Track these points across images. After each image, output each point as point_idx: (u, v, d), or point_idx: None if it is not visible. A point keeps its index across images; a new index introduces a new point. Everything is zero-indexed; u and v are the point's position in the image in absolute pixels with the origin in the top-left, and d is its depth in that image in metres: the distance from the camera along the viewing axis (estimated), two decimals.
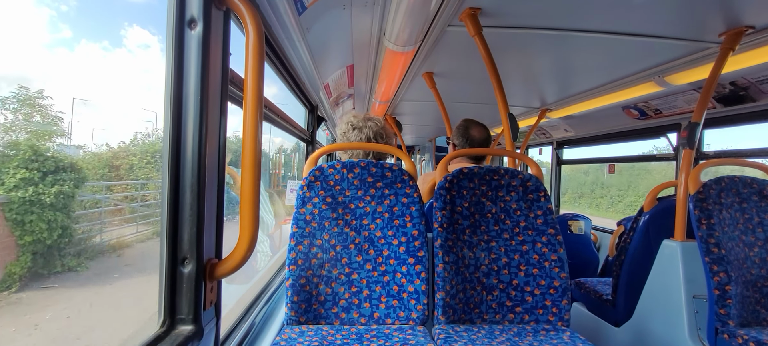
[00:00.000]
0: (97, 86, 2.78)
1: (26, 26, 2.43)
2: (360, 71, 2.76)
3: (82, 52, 2.79)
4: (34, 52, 2.49)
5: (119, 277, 2.55)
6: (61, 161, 1.93)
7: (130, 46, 4.59)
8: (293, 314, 1.31)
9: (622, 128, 3.11)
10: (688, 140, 1.76)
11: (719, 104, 2.23)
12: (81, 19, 2.82)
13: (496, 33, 1.74)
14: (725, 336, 1.51)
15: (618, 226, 2.91)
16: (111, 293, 2.39)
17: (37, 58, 2.54)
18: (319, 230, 1.37)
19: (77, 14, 2.71)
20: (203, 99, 0.80)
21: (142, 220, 3.08)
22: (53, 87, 1.97)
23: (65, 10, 2.67)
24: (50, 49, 2.69)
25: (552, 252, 1.43)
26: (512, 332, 1.31)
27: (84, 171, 2.11)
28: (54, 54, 2.74)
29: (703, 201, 1.62)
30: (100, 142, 2.66)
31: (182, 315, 0.81)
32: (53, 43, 2.73)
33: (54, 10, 2.60)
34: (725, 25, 1.57)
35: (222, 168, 0.89)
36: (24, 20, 2.39)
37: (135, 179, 2.89)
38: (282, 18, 1.41)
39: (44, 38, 2.58)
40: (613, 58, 2.03)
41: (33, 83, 1.89)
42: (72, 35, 2.76)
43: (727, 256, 1.56)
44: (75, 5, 2.67)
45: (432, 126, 5.20)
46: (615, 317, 2.09)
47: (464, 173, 1.47)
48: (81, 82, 2.62)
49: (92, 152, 2.59)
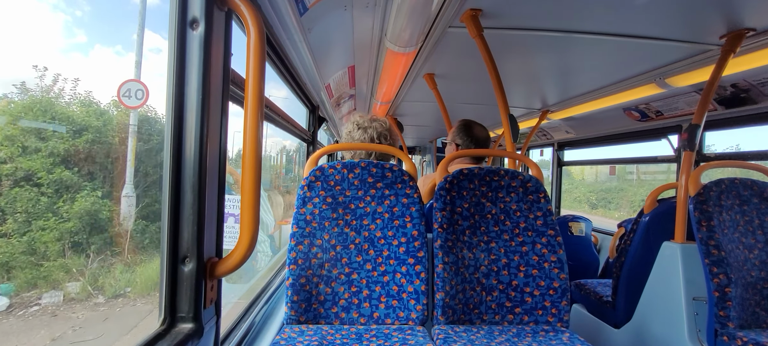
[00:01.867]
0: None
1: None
2: (361, 72, 2.76)
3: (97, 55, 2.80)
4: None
5: None
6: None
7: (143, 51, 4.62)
8: (293, 314, 1.32)
9: (623, 130, 3.11)
10: (689, 142, 1.76)
11: (720, 106, 2.23)
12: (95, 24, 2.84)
13: (497, 34, 1.74)
14: (725, 338, 1.51)
15: (618, 227, 2.91)
16: None
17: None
18: (320, 230, 1.38)
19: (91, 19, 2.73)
20: (205, 99, 0.80)
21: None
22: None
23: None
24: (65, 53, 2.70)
25: (552, 253, 1.43)
26: (511, 332, 1.32)
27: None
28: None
29: (703, 203, 1.62)
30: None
31: (183, 313, 0.82)
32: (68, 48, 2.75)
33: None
34: (726, 27, 1.57)
35: (223, 167, 0.90)
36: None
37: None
38: (283, 18, 1.42)
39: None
40: (614, 59, 2.03)
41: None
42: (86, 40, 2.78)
43: (727, 258, 1.56)
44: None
45: (433, 127, 5.20)
46: (615, 319, 2.09)
47: (464, 173, 1.47)
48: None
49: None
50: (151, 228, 4.18)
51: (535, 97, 3.07)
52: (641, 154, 3.25)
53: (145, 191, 4.24)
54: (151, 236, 4.16)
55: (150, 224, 4.20)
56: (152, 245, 4.09)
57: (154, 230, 4.14)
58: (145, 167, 4.26)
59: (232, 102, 1.00)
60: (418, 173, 4.83)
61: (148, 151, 4.35)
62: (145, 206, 4.22)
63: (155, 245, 4.03)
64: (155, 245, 4.03)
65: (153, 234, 4.15)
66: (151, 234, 4.16)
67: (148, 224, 4.21)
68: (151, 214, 4.24)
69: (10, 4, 1.82)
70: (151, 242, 4.11)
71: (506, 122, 1.78)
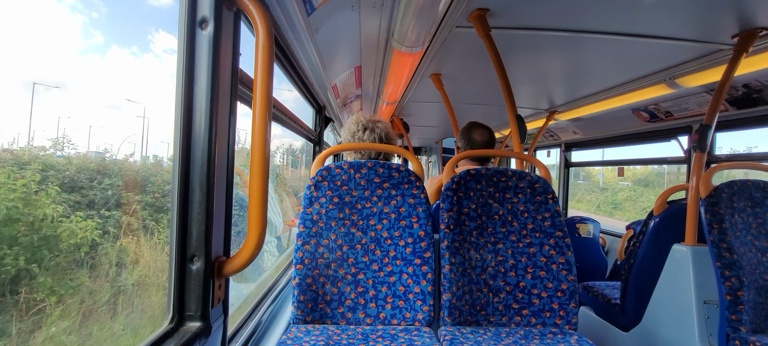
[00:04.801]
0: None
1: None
2: (368, 72, 2.76)
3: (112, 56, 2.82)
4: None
5: None
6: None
7: (157, 51, 4.63)
8: (300, 313, 1.32)
9: (632, 131, 3.08)
10: (699, 143, 1.73)
11: (732, 107, 2.19)
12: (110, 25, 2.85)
13: (504, 34, 1.73)
14: (737, 343, 1.49)
15: (627, 229, 2.88)
16: None
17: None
18: (326, 230, 1.38)
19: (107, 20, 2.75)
20: (213, 98, 0.81)
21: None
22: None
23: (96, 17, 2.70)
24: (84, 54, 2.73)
25: (560, 255, 1.42)
26: (519, 334, 1.30)
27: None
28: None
29: (714, 205, 1.60)
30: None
31: (191, 312, 0.82)
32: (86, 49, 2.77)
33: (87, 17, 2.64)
34: (739, 26, 1.54)
35: (231, 167, 0.90)
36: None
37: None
38: (291, 18, 1.42)
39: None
40: (624, 60, 2.01)
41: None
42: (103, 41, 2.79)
43: (740, 261, 1.53)
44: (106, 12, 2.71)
45: (440, 128, 5.19)
46: (623, 322, 2.06)
47: (471, 174, 1.47)
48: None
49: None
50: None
51: (543, 98, 3.05)
52: (650, 155, 3.22)
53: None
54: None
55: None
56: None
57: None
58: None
59: (240, 102, 1.01)
60: (424, 173, 4.81)
61: None
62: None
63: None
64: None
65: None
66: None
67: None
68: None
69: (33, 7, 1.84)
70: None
71: (513, 123, 1.77)
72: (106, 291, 1.85)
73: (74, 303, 1.67)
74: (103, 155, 2.27)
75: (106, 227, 1.94)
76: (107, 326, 1.79)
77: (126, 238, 2.02)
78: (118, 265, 1.97)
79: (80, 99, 2.28)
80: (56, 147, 1.98)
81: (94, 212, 1.91)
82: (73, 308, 1.67)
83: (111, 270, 1.93)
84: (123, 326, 1.84)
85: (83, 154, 2.13)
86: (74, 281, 1.72)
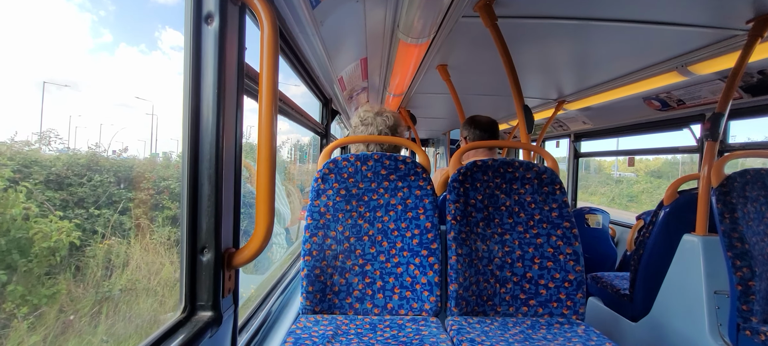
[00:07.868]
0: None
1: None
2: (374, 64, 2.75)
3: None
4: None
5: None
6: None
7: (164, 48, 4.66)
8: (308, 304, 1.34)
9: (643, 120, 3.03)
10: (712, 132, 1.70)
11: (746, 94, 2.14)
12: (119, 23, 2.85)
13: (511, 23, 1.71)
14: (748, 333, 1.47)
15: (637, 220, 2.85)
16: None
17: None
18: (334, 222, 1.39)
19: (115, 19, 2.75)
20: (220, 93, 0.82)
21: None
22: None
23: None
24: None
25: (567, 245, 1.41)
26: (526, 324, 1.31)
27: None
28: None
29: (726, 194, 1.57)
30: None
31: (202, 302, 0.84)
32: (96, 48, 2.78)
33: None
34: (754, 11, 1.50)
35: (238, 160, 0.92)
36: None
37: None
38: (296, 11, 1.42)
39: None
40: (635, 47, 1.97)
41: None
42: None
43: (752, 251, 1.51)
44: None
45: (447, 119, 5.16)
46: (632, 312, 2.05)
47: (478, 165, 1.46)
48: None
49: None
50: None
51: (551, 88, 3.01)
52: (661, 144, 3.17)
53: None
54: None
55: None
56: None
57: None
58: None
59: (246, 96, 1.02)
60: (431, 165, 4.80)
61: None
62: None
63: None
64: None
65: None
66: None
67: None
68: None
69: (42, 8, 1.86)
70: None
71: (521, 113, 1.76)
72: (90, 299, 1.66)
73: (51, 313, 1.46)
74: (94, 151, 2.19)
75: (95, 226, 1.80)
76: (86, 341, 1.60)
77: (114, 238, 1.88)
78: (107, 267, 1.79)
79: (90, 97, 2.30)
80: (42, 142, 1.80)
81: (83, 210, 1.74)
82: (47, 319, 1.45)
83: (96, 274, 1.74)
84: (105, 338, 1.67)
85: (73, 149, 2.02)
86: (51, 289, 1.52)
